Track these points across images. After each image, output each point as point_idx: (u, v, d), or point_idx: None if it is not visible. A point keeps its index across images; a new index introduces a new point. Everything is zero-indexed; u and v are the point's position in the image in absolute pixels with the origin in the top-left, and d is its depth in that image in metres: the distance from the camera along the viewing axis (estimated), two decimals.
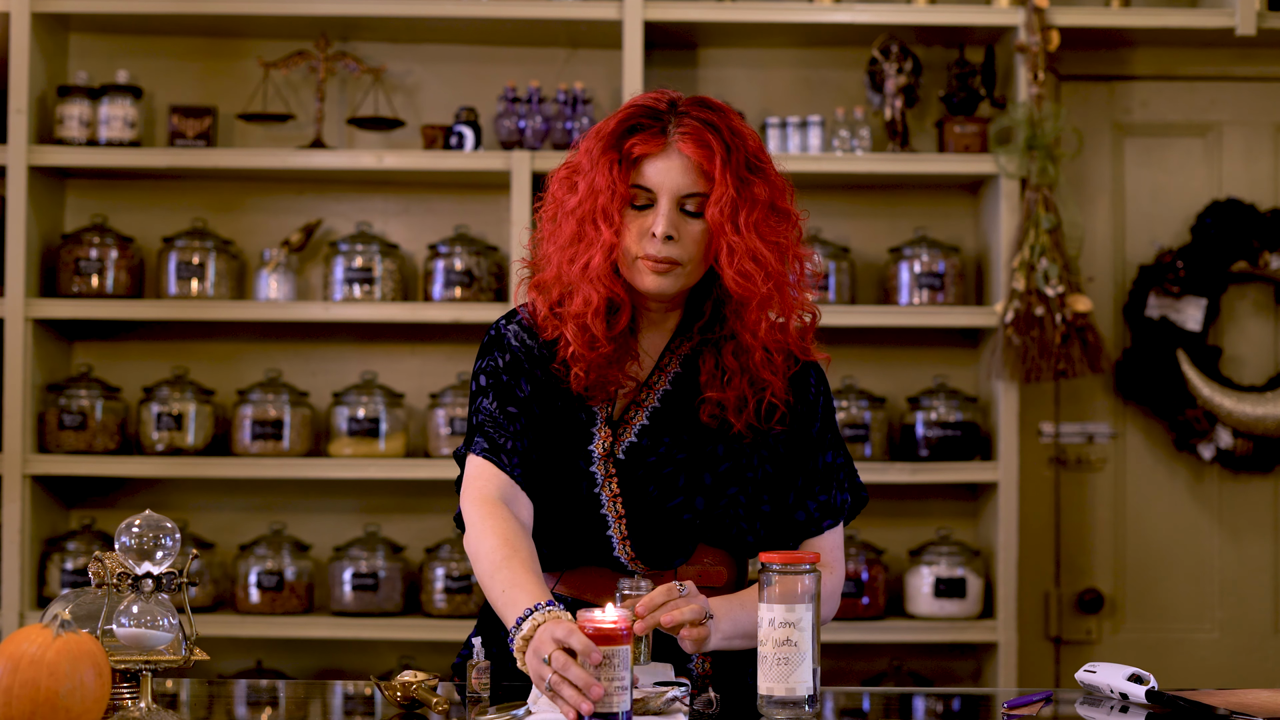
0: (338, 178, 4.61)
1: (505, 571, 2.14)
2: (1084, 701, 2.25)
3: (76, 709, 1.87)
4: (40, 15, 4.40)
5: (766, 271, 2.25)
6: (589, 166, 2.28)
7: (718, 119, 2.26)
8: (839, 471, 2.39)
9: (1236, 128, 4.76)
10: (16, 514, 4.32)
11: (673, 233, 2.24)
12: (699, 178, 2.24)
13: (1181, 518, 4.73)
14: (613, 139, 2.27)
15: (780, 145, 4.52)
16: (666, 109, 2.28)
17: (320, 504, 4.63)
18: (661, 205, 2.25)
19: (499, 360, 2.34)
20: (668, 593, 2.11)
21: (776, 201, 2.28)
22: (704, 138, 2.23)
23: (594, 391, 2.31)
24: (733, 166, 2.24)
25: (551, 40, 4.64)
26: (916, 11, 4.47)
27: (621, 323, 2.30)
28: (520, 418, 2.30)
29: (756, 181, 2.25)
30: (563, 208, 2.30)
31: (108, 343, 4.65)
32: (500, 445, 2.27)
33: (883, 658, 4.58)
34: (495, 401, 2.31)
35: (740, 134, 2.27)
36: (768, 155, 2.30)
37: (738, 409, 2.31)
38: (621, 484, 2.31)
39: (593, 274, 2.26)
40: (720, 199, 2.23)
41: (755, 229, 2.24)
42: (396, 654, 4.56)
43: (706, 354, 2.33)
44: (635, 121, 2.27)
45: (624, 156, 2.25)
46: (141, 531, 2.04)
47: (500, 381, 2.32)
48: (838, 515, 2.38)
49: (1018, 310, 4.35)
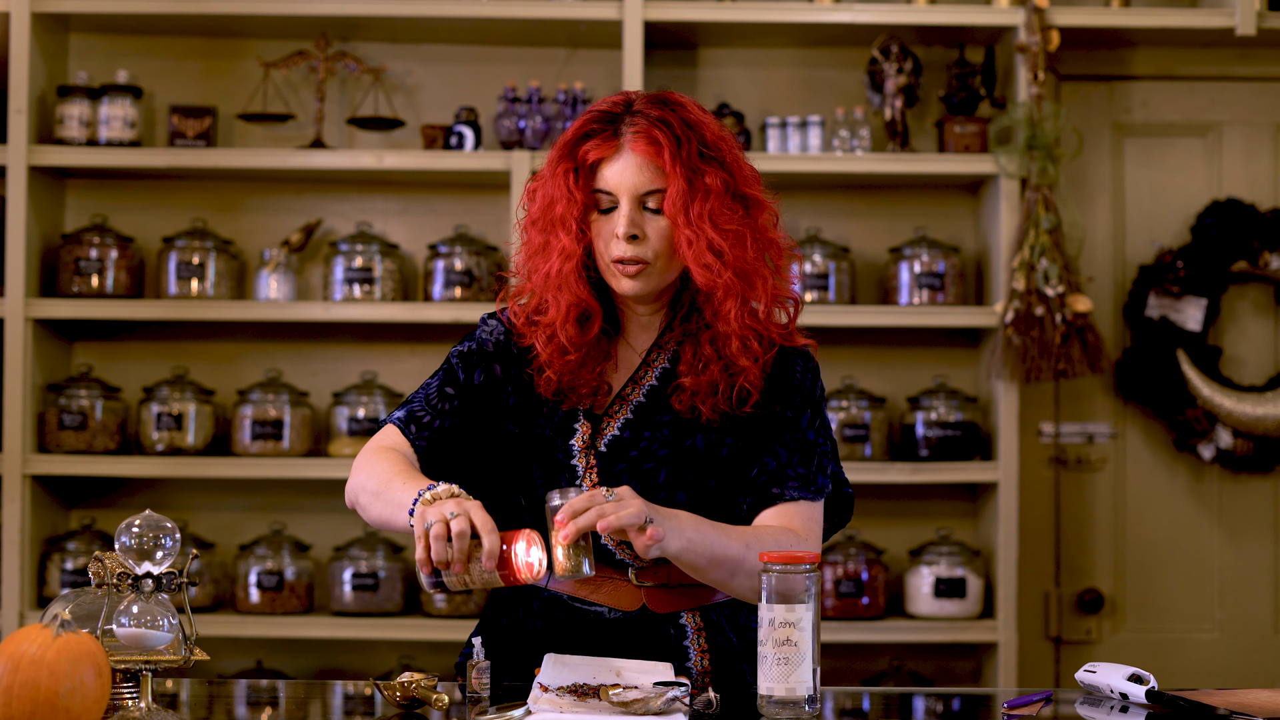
0: (338, 178, 4.61)
1: (403, 477, 2.19)
2: (1084, 701, 2.25)
3: (76, 709, 1.87)
4: (40, 15, 4.41)
5: (726, 259, 2.25)
6: (548, 175, 2.32)
7: (669, 113, 2.27)
8: (823, 456, 2.36)
9: (1236, 128, 4.76)
10: (16, 514, 4.32)
11: (636, 231, 2.27)
12: (654, 174, 2.26)
13: (1181, 518, 4.73)
14: (568, 147, 2.30)
15: (780, 145, 4.52)
16: (622, 110, 2.30)
17: (320, 504, 4.63)
18: (622, 206, 2.27)
19: (464, 346, 2.39)
20: (590, 499, 2.08)
21: (738, 188, 2.28)
22: (653, 134, 2.25)
23: (564, 395, 2.33)
24: (683, 159, 2.25)
25: (551, 40, 4.64)
26: (916, 11, 4.47)
27: (594, 329, 2.32)
28: (454, 398, 2.34)
29: (710, 170, 2.26)
30: (529, 218, 2.34)
31: (108, 343, 4.65)
32: (416, 417, 2.32)
33: (883, 658, 4.58)
34: (439, 381, 2.36)
35: (695, 125, 2.28)
36: (730, 142, 2.31)
37: (708, 394, 2.30)
38: (602, 476, 2.31)
39: (556, 281, 2.29)
40: (673, 192, 2.25)
41: (710, 219, 2.25)
42: (396, 654, 4.56)
43: (687, 345, 2.34)
44: (589, 128, 2.29)
45: (580, 164, 2.28)
46: (141, 531, 2.04)
47: (451, 365, 2.37)
48: (816, 492, 2.33)
49: (1018, 310, 4.35)
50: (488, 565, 2.03)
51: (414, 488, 2.15)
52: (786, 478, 2.32)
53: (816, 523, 2.34)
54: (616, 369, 2.37)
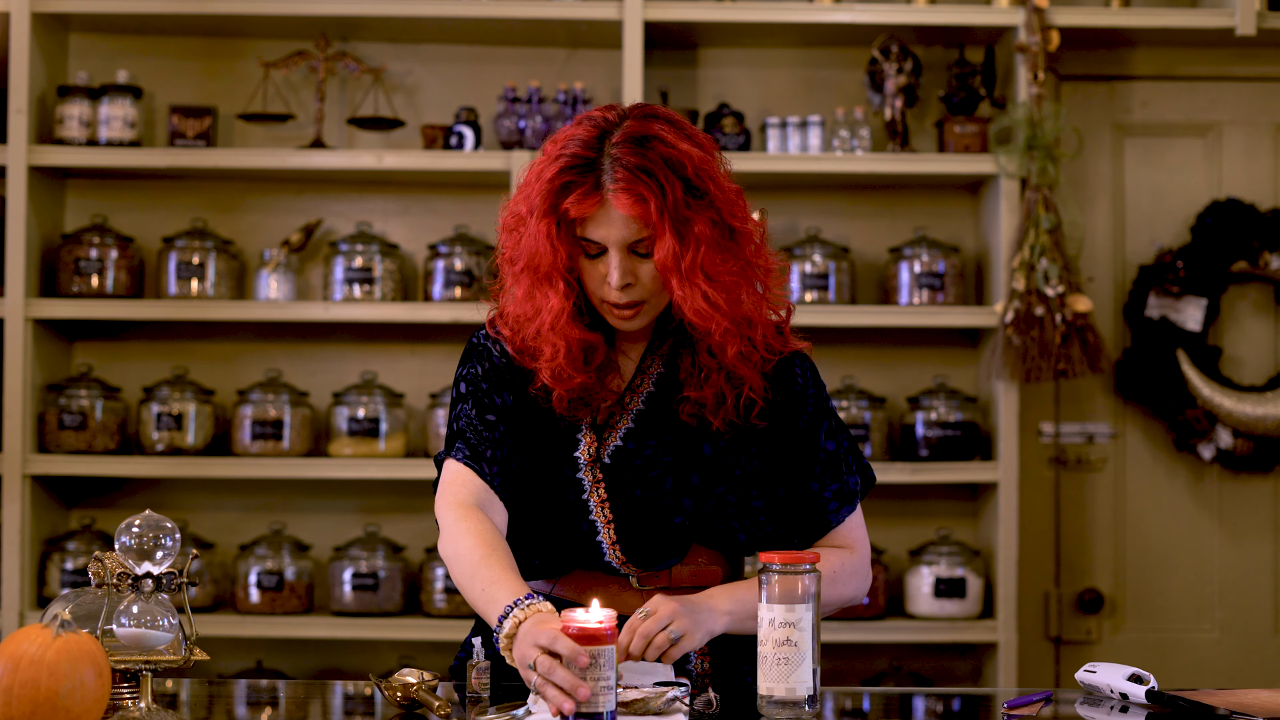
0: (338, 178, 4.61)
1: (485, 570, 2.14)
2: (1084, 701, 2.25)
3: (76, 709, 1.87)
4: (40, 15, 4.40)
5: (720, 308, 2.22)
6: (531, 222, 2.24)
7: (650, 155, 2.19)
8: (846, 456, 2.39)
9: (1236, 128, 4.76)
10: (16, 514, 4.32)
11: (629, 280, 2.23)
12: (641, 226, 2.21)
13: (1181, 518, 4.73)
14: (548, 199, 2.22)
15: (780, 145, 4.52)
16: (597, 153, 2.21)
17: (320, 504, 4.63)
18: (612, 257, 2.23)
19: (478, 368, 2.35)
20: (628, 632, 2.12)
21: (727, 223, 2.23)
22: (637, 190, 2.18)
23: (576, 410, 2.31)
24: (670, 209, 2.18)
25: (551, 40, 4.64)
26: (916, 11, 4.47)
27: (598, 358, 2.30)
28: (499, 425, 2.29)
29: (698, 218, 2.20)
30: (511, 262, 2.29)
31: (108, 343, 4.65)
32: (480, 453, 2.27)
33: (883, 658, 4.58)
34: (475, 408, 2.31)
35: (677, 163, 2.20)
36: (712, 166, 2.24)
37: (716, 406, 2.30)
38: (609, 488, 2.30)
39: (548, 336, 2.26)
40: (663, 250, 2.19)
41: (703, 270, 2.20)
42: (396, 654, 4.56)
43: (684, 352, 2.33)
44: (567, 180, 2.21)
45: (561, 218, 2.23)
46: (141, 531, 2.03)
47: (479, 389, 2.32)
48: (853, 499, 2.39)
49: (1018, 310, 4.35)
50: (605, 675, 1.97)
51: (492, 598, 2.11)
52: (825, 500, 2.36)
53: (860, 527, 2.40)
54: (617, 375, 2.36)
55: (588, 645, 1.94)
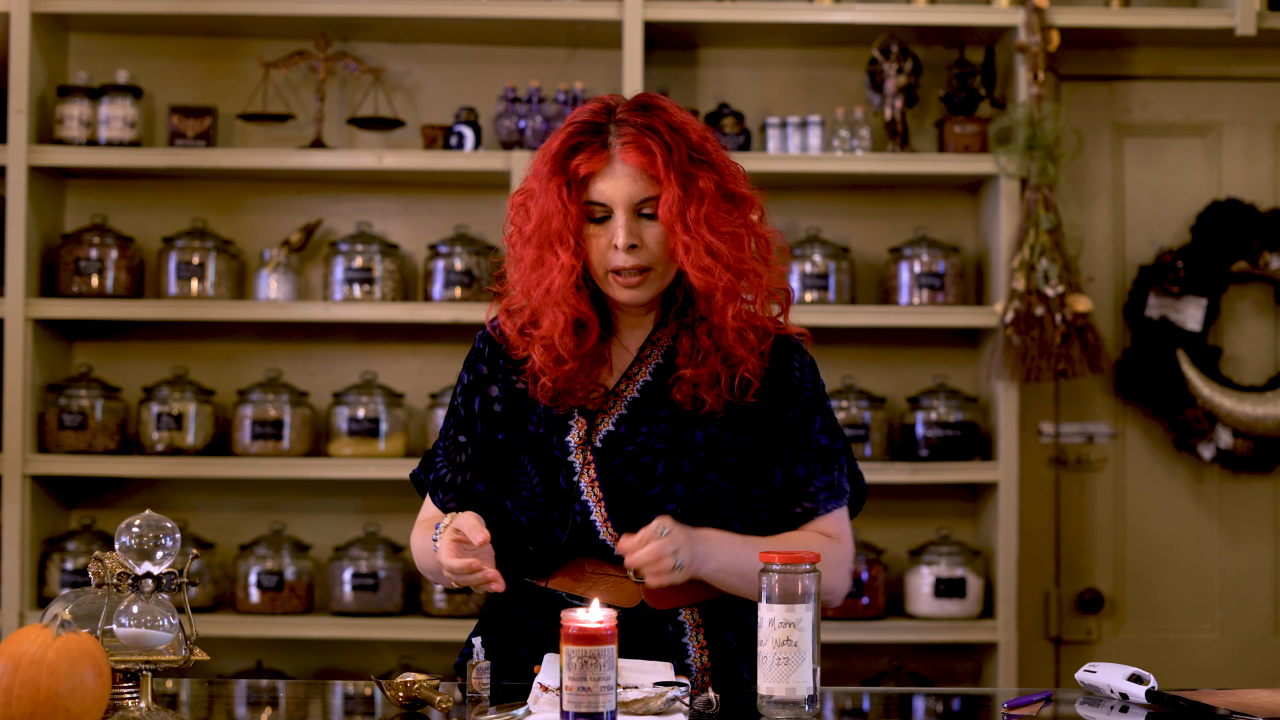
0: (338, 178, 4.61)
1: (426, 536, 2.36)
2: (1084, 701, 2.25)
3: (76, 709, 1.87)
4: (40, 15, 4.40)
5: (724, 262, 2.29)
6: (540, 190, 2.33)
7: (655, 119, 2.30)
8: (839, 456, 2.42)
9: (1236, 128, 4.76)
10: (16, 514, 4.32)
11: (634, 241, 2.29)
12: (648, 183, 2.29)
13: (1181, 518, 4.73)
14: (558, 161, 2.31)
15: (780, 145, 4.52)
16: (605, 119, 2.31)
17: (320, 504, 4.63)
18: (618, 217, 2.29)
19: (465, 378, 2.45)
20: (640, 541, 2.20)
21: (728, 187, 2.32)
22: (644, 143, 2.27)
23: (560, 400, 2.35)
24: (676, 165, 2.27)
25: (551, 40, 4.64)
26: (916, 11, 4.47)
27: (590, 340, 2.34)
28: (467, 447, 2.42)
29: (702, 174, 2.29)
30: (521, 234, 2.36)
31: (108, 343, 4.65)
32: (441, 480, 2.43)
33: (883, 658, 4.58)
34: (452, 428, 2.44)
35: (681, 128, 2.30)
36: (714, 143, 2.34)
37: (711, 385, 2.34)
38: (600, 471, 2.33)
39: (555, 297, 2.31)
40: (668, 199, 2.26)
41: (706, 222, 2.28)
42: (397, 654, 4.56)
43: (683, 337, 2.37)
44: (576, 140, 2.30)
45: (571, 178, 2.30)
46: (141, 531, 2.04)
47: (456, 404, 2.45)
48: (842, 496, 2.41)
49: (1018, 310, 4.35)
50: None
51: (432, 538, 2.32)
52: (814, 489, 2.39)
53: (846, 523, 2.43)
54: (610, 369, 2.39)
55: (588, 645, 1.94)
